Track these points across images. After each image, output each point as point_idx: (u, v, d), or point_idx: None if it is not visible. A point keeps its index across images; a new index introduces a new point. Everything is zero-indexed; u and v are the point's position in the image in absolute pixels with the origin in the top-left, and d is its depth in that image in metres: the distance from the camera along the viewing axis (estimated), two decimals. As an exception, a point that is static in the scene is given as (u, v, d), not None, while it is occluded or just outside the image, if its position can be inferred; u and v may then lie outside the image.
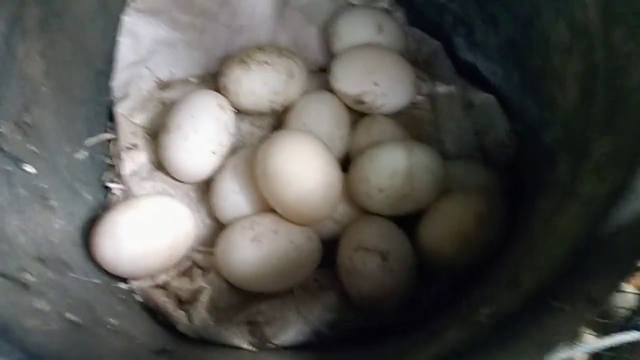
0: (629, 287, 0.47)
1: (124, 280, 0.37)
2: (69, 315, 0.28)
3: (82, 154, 0.40)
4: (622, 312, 0.44)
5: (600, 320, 0.44)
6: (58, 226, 0.35)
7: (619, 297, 0.46)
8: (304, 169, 0.35)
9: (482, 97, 0.44)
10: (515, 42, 0.40)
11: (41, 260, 0.31)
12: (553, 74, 0.35)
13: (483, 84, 0.45)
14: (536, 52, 0.37)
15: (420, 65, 0.47)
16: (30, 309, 0.26)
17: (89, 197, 0.39)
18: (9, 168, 0.33)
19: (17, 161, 0.34)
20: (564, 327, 0.20)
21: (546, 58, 0.36)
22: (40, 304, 0.27)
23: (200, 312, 0.35)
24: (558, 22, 0.33)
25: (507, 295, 0.24)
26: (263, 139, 0.38)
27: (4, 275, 0.27)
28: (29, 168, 0.34)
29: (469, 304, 0.29)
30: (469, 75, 0.46)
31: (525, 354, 0.19)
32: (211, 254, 0.38)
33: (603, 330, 0.43)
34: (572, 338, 0.20)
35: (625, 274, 0.21)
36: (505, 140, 0.42)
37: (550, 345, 0.19)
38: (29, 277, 0.28)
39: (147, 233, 0.36)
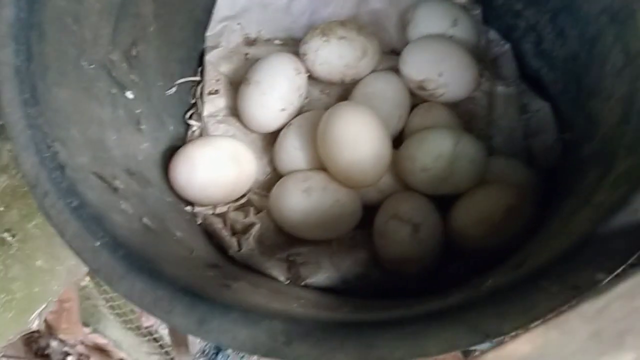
0: None
1: (191, 204, 0.42)
2: (145, 220, 0.34)
3: (172, 90, 0.46)
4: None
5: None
6: (144, 147, 0.40)
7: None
8: (358, 138, 0.39)
9: (539, 104, 0.47)
10: (578, 57, 0.43)
11: (129, 172, 0.37)
12: (603, 93, 0.38)
13: (542, 90, 0.48)
14: (593, 70, 0.40)
15: (486, 63, 0.50)
16: (118, 208, 0.32)
17: (172, 128, 0.45)
18: (114, 91, 0.39)
19: (121, 86, 0.39)
20: (544, 303, 0.23)
21: (601, 78, 0.38)
22: (125, 206, 0.33)
23: (249, 243, 0.40)
24: (615, 47, 0.36)
25: (509, 273, 0.28)
26: (329, 106, 0.43)
27: (101, 178, 0.33)
28: (129, 94, 0.40)
29: (480, 279, 0.33)
30: (531, 80, 0.49)
31: (507, 316, 0.23)
32: (266, 197, 0.43)
33: None
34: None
35: (608, 272, 0.24)
36: (552, 147, 0.45)
37: (530, 315, 0.23)
38: (118, 184, 0.34)
39: (216, 168, 0.41)
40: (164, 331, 0.70)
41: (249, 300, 0.29)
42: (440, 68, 0.45)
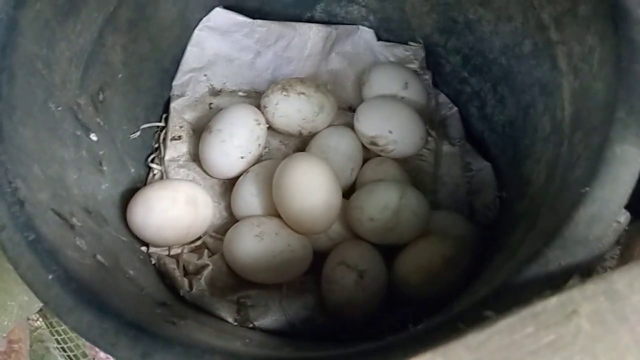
0: None
1: (146, 244, 0.44)
2: (99, 257, 0.35)
3: (136, 134, 0.48)
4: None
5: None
6: (104, 188, 0.42)
7: None
8: (310, 187, 0.42)
9: (481, 164, 0.51)
10: (515, 123, 0.46)
11: (87, 211, 0.38)
12: (534, 156, 0.41)
13: (485, 151, 0.52)
14: (527, 135, 0.43)
15: (435, 123, 0.54)
16: (73, 244, 0.33)
17: (133, 170, 0.47)
18: (79, 133, 0.40)
19: (86, 129, 0.41)
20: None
21: (533, 142, 0.42)
22: (80, 243, 0.34)
23: (201, 284, 0.42)
24: (545, 115, 0.40)
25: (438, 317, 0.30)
26: (287, 156, 0.45)
27: (59, 215, 0.34)
28: (94, 136, 0.42)
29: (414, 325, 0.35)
30: (476, 141, 0.53)
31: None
32: (221, 240, 0.45)
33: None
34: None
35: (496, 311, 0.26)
36: (490, 204, 0.48)
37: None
38: (75, 221, 0.35)
39: (173, 211, 0.43)
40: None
41: (193, 337, 0.30)
42: (391, 126, 0.48)
